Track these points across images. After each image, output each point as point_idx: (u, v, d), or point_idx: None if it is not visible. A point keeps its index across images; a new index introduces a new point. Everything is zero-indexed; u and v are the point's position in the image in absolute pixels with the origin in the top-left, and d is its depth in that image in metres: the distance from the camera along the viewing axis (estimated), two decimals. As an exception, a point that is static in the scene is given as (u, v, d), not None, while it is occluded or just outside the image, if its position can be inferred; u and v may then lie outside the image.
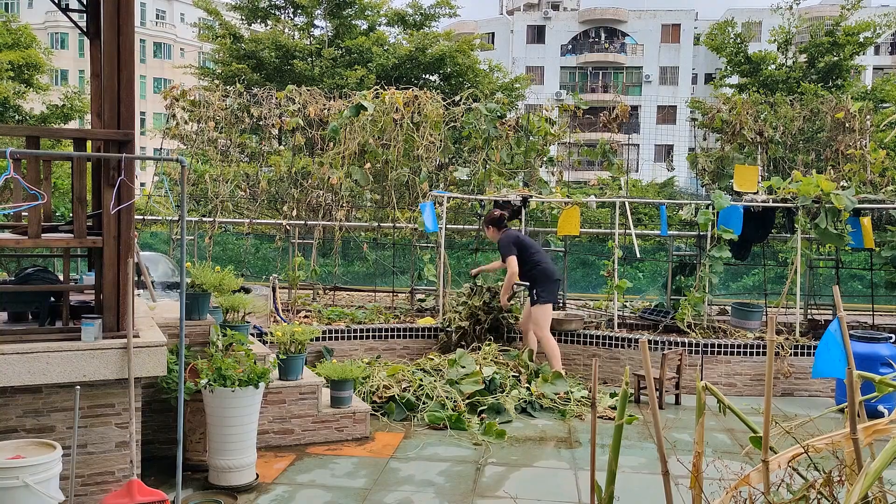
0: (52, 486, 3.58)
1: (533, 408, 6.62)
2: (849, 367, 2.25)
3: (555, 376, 6.93)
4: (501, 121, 9.65)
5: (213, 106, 9.94)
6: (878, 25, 21.51)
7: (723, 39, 22.65)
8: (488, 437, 5.84)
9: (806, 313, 9.10)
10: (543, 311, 7.37)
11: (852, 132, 9.95)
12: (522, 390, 6.74)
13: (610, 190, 10.69)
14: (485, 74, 24.47)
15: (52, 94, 24.13)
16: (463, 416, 6.13)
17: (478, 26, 44.70)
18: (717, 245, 8.04)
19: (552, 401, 6.68)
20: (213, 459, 4.73)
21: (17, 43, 22.98)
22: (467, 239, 11.78)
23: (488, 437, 5.84)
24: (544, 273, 7.40)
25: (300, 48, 23.32)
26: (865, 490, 2.01)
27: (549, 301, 7.43)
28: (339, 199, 9.85)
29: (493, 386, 6.66)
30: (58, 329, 4.08)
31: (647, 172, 21.02)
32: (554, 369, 7.19)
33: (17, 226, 4.82)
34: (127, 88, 4.10)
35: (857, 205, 7.86)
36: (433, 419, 6.12)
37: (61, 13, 5.40)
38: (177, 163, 4.14)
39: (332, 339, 7.82)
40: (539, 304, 7.36)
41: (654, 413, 2.47)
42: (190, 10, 51.98)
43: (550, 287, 7.43)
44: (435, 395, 6.37)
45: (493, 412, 6.33)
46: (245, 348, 5.09)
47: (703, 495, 2.36)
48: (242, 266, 10.83)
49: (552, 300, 7.56)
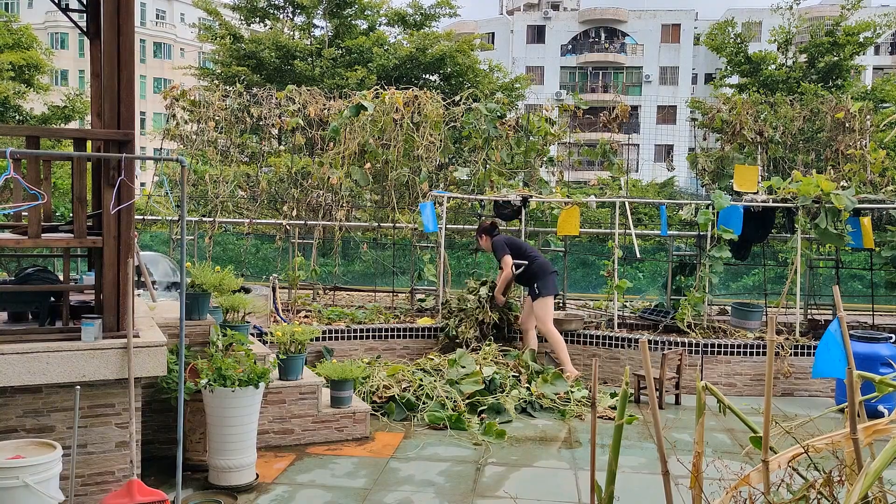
0: (52, 486, 3.58)
1: (533, 408, 6.62)
2: (849, 367, 2.25)
3: (554, 376, 6.93)
4: (501, 121, 9.65)
5: (213, 106, 9.94)
6: (878, 25, 21.51)
7: (723, 39, 22.65)
8: (488, 437, 5.83)
9: (806, 313, 9.10)
10: (545, 305, 7.44)
11: (852, 132, 9.95)
12: (522, 390, 6.74)
13: (610, 190, 10.69)
14: (485, 74, 24.47)
15: (53, 94, 24.15)
16: (463, 417, 6.13)
17: (478, 26, 44.69)
18: (717, 245, 8.04)
19: (552, 401, 6.67)
20: (213, 459, 4.73)
21: (17, 43, 23.00)
22: (467, 239, 11.77)
23: (488, 437, 5.83)
24: (542, 266, 7.55)
25: (300, 48, 23.32)
26: (865, 490, 2.01)
27: (549, 293, 7.51)
28: (339, 199, 9.84)
29: (493, 386, 6.66)
30: (58, 329, 4.08)
31: (647, 172, 21.01)
32: (561, 363, 7.28)
33: (17, 226, 4.82)
34: (127, 88, 4.10)
35: (857, 205, 7.86)
36: (433, 419, 6.13)
37: (61, 13, 5.40)
38: (177, 163, 4.14)
39: (333, 339, 7.82)
40: (541, 298, 7.42)
41: (654, 413, 2.47)
42: (190, 11, 51.97)
43: (549, 279, 7.52)
44: (435, 395, 6.37)
45: (494, 412, 6.34)
46: (245, 348, 5.09)
47: (703, 495, 2.36)
48: (242, 266, 10.82)
49: (553, 292, 7.65)
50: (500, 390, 6.66)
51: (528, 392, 6.73)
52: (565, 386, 6.89)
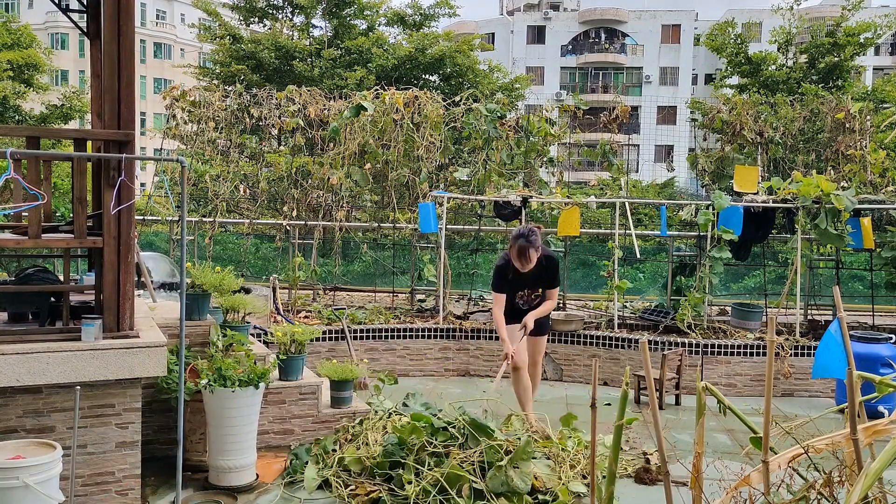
0: (52, 486, 3.58)
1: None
2: (849, 367, 2.25)
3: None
4: (501, 121, 9.65)
5: (212, 106, 9.94)
6: (879, 26, 21.50)
7: (723, 40, 22.64)
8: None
9: (806, 314, 9.10)
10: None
11: (852, 133, 9.96)
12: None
13: (610, 190, 10.70)
14: (485, 75, 24.46)
15: (52, 94, 24.14)
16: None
17: (478, 27, 44.70)
18: (718, 245, 8.04)
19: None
20: (213, 460, 4.73)
21: (17, 43, 23.00)
22: (467, 239, 11.78)
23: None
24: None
25: (300, 49, 23.32)
26: (865, 490, 2.01)
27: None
28: (339, 199, 9.85)
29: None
30: (58, 329, 4.08)
31: (647, 173, 21.01)
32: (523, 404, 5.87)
33: (17, 226, 4.82)
34: (127, 89, 4.10)
35: (857, 205, 7.86)
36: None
37: (61, 13, 5.40)
38: (177, 163, 4.14)
39: (333, 340, 7.82)
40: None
41: (654, 413, 2.47)
42: (190, 11, 51.96)
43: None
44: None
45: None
46: (245, 348, 5.09)
47: (703, 495, 2.36)
48: (242, 266, 10.83)
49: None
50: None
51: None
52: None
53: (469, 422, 4.46)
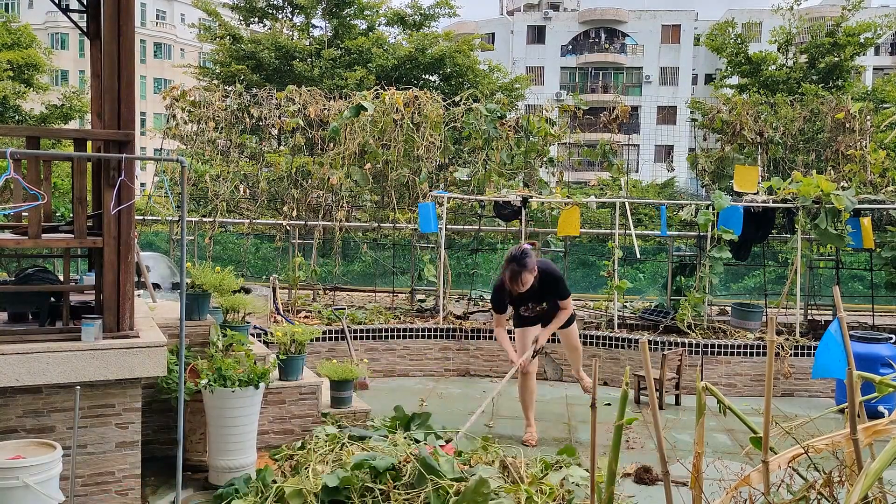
0: (52, 486, 3.58)
1: None
2: (849, 367, 2.25)
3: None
4: (501, 121, 9.65)
5: (212, 106, 9.94)
6: (879, 26, 21.49)
7: (723, 40, 22.64)
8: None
9: (806, 314, 9.10)
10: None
11: (852, 133, 9.96)
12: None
13: (610, 190, 10.69)
14: (485, 75, 24.47)
15: (52, 94, 24.15)
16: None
17: (478, 27, 44.69)
18: (718, 245, 8.05)
19: None
20: (213, 460, 4.73)
21: (17, 43, 23.00)
22: (467, 239, 11.78)
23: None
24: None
25: (300, 49, 23.32)
26: (865, 490, 2.01)
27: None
28: (339, 199, 9.85)
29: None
30: (58, 329, 4.08)
31: (647, 173, 21.01)
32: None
33: (17, 226, 4.82)
34: (127, 89, 4.10)
35: (857, 205, 7.86)
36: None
37: (61, 13, 5.40)
38: (177, 163, 4.14)
39: (333, 340, 7.82)
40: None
41: (654, 413, 2.47)
42: (190, 11, 51.95)
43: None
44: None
45: None
46: (245, 349, 5.09)
47: (703, 496, 2.36)
48: (242, 266, 10.83)
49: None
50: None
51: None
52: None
53: (420, 461, 4.02)
